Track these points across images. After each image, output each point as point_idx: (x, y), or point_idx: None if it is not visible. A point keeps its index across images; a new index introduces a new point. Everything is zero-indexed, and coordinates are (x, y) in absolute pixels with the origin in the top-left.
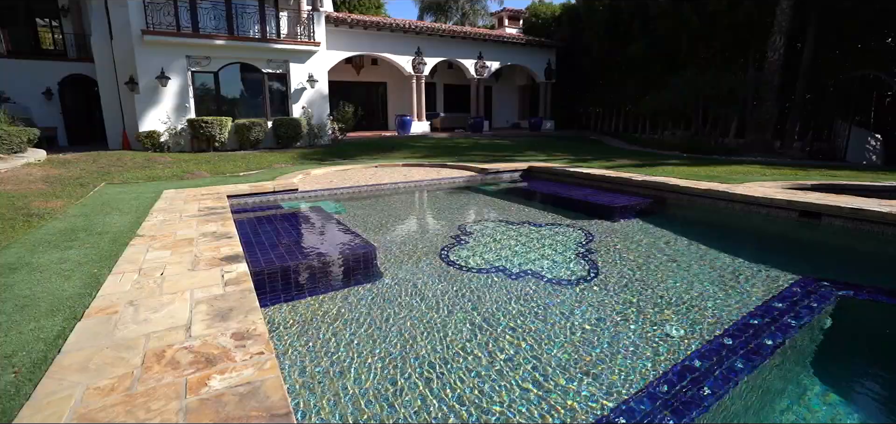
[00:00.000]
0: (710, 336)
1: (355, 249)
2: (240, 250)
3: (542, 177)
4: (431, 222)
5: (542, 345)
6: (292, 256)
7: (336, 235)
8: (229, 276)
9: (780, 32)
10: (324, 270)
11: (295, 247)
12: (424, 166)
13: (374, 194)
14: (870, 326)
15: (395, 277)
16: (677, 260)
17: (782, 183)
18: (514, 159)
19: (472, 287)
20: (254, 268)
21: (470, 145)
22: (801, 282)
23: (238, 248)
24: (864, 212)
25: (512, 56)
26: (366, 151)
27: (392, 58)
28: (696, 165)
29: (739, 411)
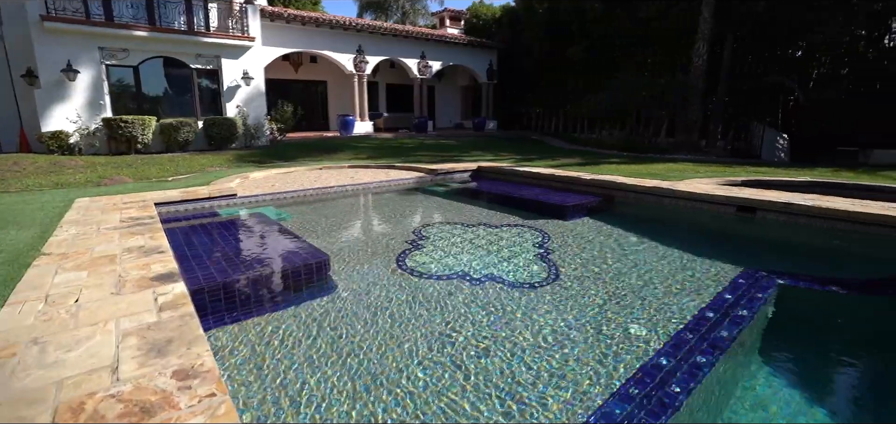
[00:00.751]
0: (673, 332)
1: (306, 259)
2: (175, 266)
3: (492, 177)
4: (385, 227)
5: (512, 354)
6: (236, 270)
7: (284, 244)
8: (164, 298)
9: (703, 40)
10: (273, 284)
11: (238, 259)
12: (371, 168)
13: (321, 198)
14: (806, 312)
15: (350, 288)
16: (631, 257)
17: (716, 179)
18: (461, 159)
19: (434, 295)
20: (192, 286)
21: (415, 146)
22: (744, 274)
23: (172, 264)
24: (794, 206)
25: (454, 56)
26: (308, 152)
27: (332, 56)
28: (635, 163)
29: (708, 406)
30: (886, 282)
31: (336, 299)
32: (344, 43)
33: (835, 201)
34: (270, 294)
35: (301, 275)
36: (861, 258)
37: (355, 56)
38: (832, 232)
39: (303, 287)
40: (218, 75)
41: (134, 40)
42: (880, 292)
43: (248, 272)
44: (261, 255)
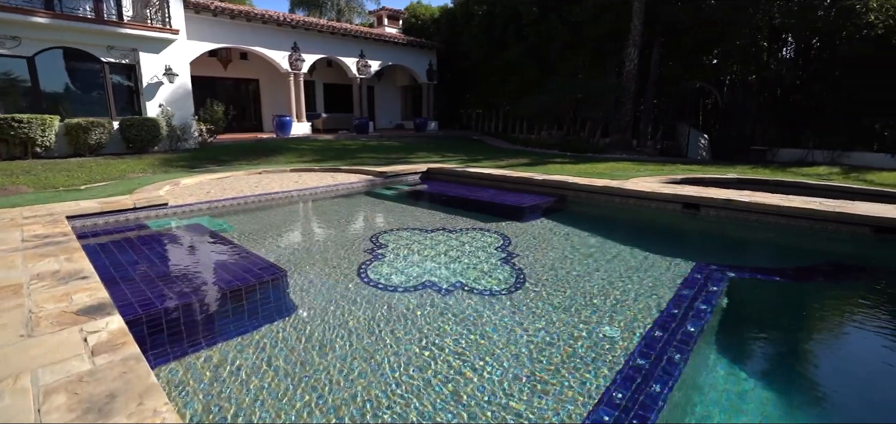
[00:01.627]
0: (645, 332)
1: (261, 275)
2: (105, 294)
3: (443, 178)
4: (340, 235)
5: (492, 367)
6: (180, 293)
7: (232, 259)
8: (97, 338)
9: (634, 45)
10: (225, 307)
11: (181, 280)
12: (316, 171)
13: (265, 206)
14: (754, 302)
15: (311, 307)
16: (592, 257)
17: (659, 178)
18: (408, 160)
19: (403, 310)
20: (126, 317)
21: (358, 147)
22: (697, 268)
23: (101, 292)
24: (733, 202)
25: (394, 56)
26: (243, 155)
27: (265, 53)
28: (578, 163)
29: (687, 402)
30: (814, 269)
31: (297, 321)
32: (278, 40)
33: (766, 197)
34: (222, 320)
35: (256, 294)
36: (791, 249)
37: (291, 54)
38: (766, 226)
39: (258, 309)
40: (135, 71)
41: (27, 27)
42: (811, 278)
43: (195, 295)
44: (207, 273)
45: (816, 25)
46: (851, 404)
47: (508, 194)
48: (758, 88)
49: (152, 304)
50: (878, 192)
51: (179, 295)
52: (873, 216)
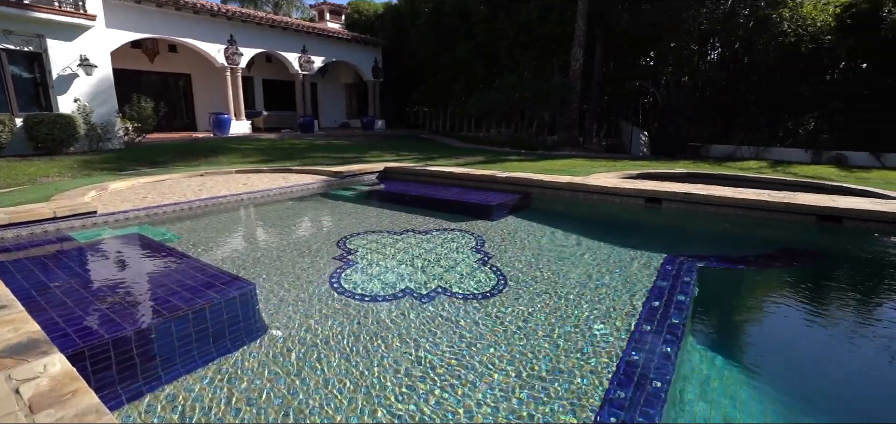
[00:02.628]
0: (633, 326)
1: (226, 291)
2: (34, 327)
3: (402, 178)
4: (303, 242)
5: (489, 374)
6: (129, 317)
7: (188, 273)
8: (36, 387)
9: (579, 45)
10: (187, 331)
11: (128, 301)
12: (265, 172)
13: (212, 211)
14: (725, 289)
15: (285, 325)
16: (568, 254)
17: (615, 174)
18: (363, 160)
19: (385, 321)
20: (68, 350)
21: (306, 147)
22: (668, 260)
23: (29, 324)
24: (693, 195)
25: (338, 52)
26: (180, 156)
27: (198, 45)
28: (533, 160)
29: (686, 395)
30: (772, 256)
31: (270, 342)
32: (212, 31)
33: (722, 190)
34: (184, 347)
35: (222, 313)
36: (748, 238)
37: (227, 47)
38: (723, 217)
39: (225, 331)
40: (42, 60)
41: None
42: (771, 265)
43: (149, 318)
44: (160, 291)
45: (738, 33)
46: (832, 381)
47: (473, 192)
48: (690, 89)
49: (95, 333)
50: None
51: (129, 320)
52: (816, 206)
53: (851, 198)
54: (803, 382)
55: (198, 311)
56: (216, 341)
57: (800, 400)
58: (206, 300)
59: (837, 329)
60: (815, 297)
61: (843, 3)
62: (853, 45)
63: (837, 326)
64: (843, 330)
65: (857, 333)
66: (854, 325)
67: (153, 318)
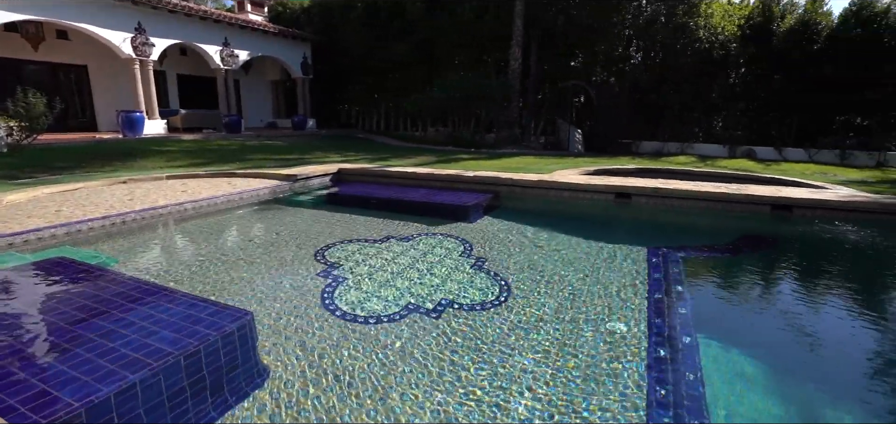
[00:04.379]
0: (645, 321)
1: (219, 325)
2: None
3: (361, 180)
4: (275, 257)
5: (527, 389)
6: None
7: (160, 306)
8: None
9: (517, 45)
10: (178, 385)
11: (85, 351)
12: (203, 177)
13: (152, 225)
14: (708, 276)
15: (285, 365)
16: (556, 253)
17: (576, 170)
18: (308, 161)
19: (397, 345)
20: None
21: (238, 149)
22: (651, 252)
23: None
24: (661, 190)
25: (264, 46)
26: (85, 160)
27: (97, 32)
28: (484, 158)
29: (723, 389)
30: (738, 244)
31: (277, 388)
32: (114, 18)
33: (687, 184)
34: (179, 408)
35: (219, 356)
36: (714, 228)
37: (134, 36)
38: (687, 210)
39: (223, 380)
40: None
41: None
42: (741, 250)
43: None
44: (129, 334)
45: (657, 38)
46: (825, 355)
47: (442, 193)
48: (619, 89)
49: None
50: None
51: (97, 376)
52: (771, 197)
53: (793, 188)
54: (801, 355)
55: (191, 356)
56: (214, 393)
57: (808, 376)
58: (199, 340)
59: (809, 303)
60: (785, 277)
61: (745, 16)
62: (753, 53)
63: (808, 300)
64: (813, 303)
65: (821, 304)
66: (817, 297)
67: (133, 371)
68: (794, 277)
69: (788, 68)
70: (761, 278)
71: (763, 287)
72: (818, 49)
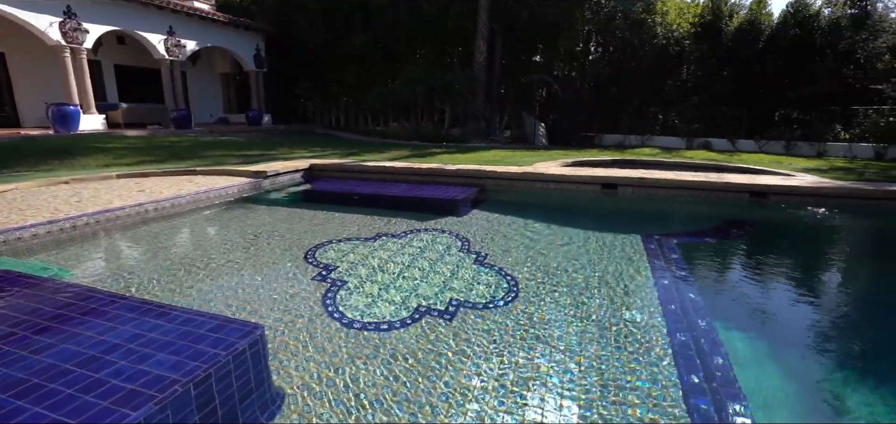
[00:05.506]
0: (660, 308)
1: (229, 342)
2: None
3: (336, 176)
4: (263, 260)
5: (570, 391)
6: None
7: (144, 322)
8: None
9: (482, 38)
10: (187, 418)
11: (68, 385)
12: (159, 176)
13: (108, 229)
14: (702, 261)
15: (299, 386)
16: (554, 245)
17: (556, 162)
18: (273, 157)
19: (418, 352)
20: None
21: (192, 145)
22: (646, 240)
23: None
24: (647, 180)
25: (212, 36)
26: (11, 159)
27: (16, 14)
28: (458, 152)
29: (752, 370)
30: (723, 228)
31: (295, 412)
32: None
33: (669, 174)
34: None
35: (231, 379)
36: (697, 215)
37: (64, 20)
38: (670, 198)
39: (237, 407)
40: None
41: None
42: (728, 235)
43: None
44: (117, 357)
45: (616, 34)
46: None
47: (425, 187)
48: (580, 83)
49: None
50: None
51: (87, 418)
52: (749, 184)
53: (767, 176)
54: (808, 329)
55: (200, 383)
56: (226, 414)
57: (821, 350)
58: (207, 361)
59: (801, 280)
60: (775, 257)
61: (697, 14)
62: (705, 49)
63: (800, 277)
64: (805, 279)
65: (814, 280)
66: (810, 274)
67: (133, 408)
68: (783, 256)
69: (737, 65)
70: (752, 259)
71: (756, 268)
72: (762, 47)
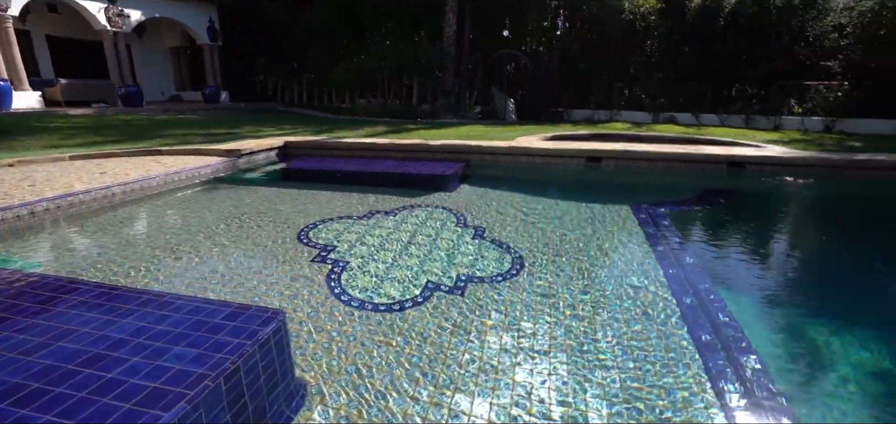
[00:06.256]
0: (664, 276)
1: (250, 329)
2: None
3: (315, 154)
4: (253, 243)
5: (589, 358)
6: None
7: (147, 314)
8: None
9: (452, 11)
10: (223, 418)
11: (80, 390)
12: (119, 156)
13: (71, 215)
14: (691, 228)
15: (318, 375)
16: (549, 217)
17: (536, 137)
18: (241, 136)
19: (433, 333)
20: None
21: (148, 124)
22: (636, 209)
23: None
24: (631, 152)
25: (160, 6)
26: None
27: None
28: (433, 128)
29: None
30: (705, 197)
31: (328, 414)
32: None
33: (651, 147)
34: None
35: (259, 374)
36: (679, 185)
37: None
38: (652, 170)
39: (265, 401)
40: None
41: None
42: (711, 203)
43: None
44: (131, 356)
45: (582, 8)
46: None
47: (411, 163)
48: (549, 58)
49: None
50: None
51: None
52: (727, 155)
53: (741, 148)
54: (798, 287)
55: (231, 376)
56: (257, 416)
57: (816, 308)
58: (233, 352)
59: (785, 241)
60: (757, 222)
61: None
62: (670, 26)
63: (785, 239)
64: (788, 240)
65: (797, 241)
66: (791, 235)
67: (164, 407)
68: (766, 221)
69: (699, 41)
70: (739, 224)
71: (744, 233)
72: (723, 25)
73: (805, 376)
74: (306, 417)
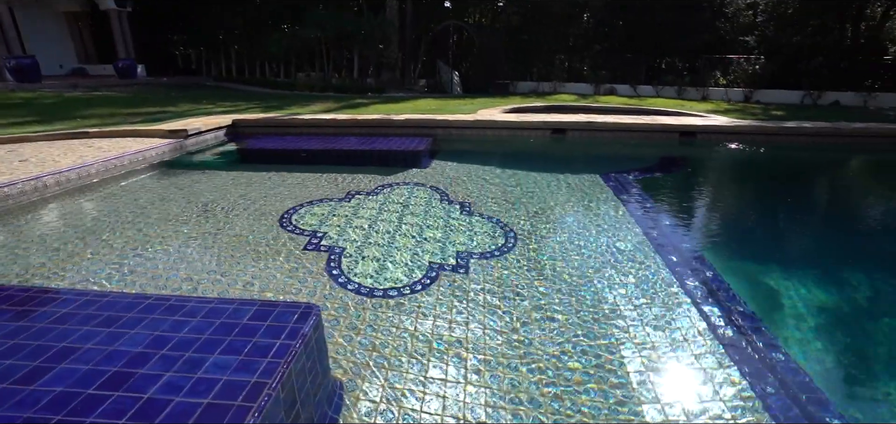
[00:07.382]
0: (646, 237)
1: (288, 326)
2: None
3: (267, 132)
4: (231, 234)
5: (610, 328)
6: None
7: (160, 321)
8: None
9: None
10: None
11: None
12: (38, 139)
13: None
14: (656, 191)
15: (349, 372)
16: (528, 189)
17: (498, 109)
18: (176, 114)
19: (442, 316)
20: None
21: (60, 102)
22: (605, 177)
23: None
24: (594, 124)
25: None
26: None
27: None
28: (385, 102)
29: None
30: (663, 164)
31: (371, 413)
32: None
33: (611, 118)
34: None
35: (305, 376)
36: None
37: None
38: (613, 140)
39: (313, 410)
40: None
41: None
42: (670, 170)
43: None
44: (163, 370)
45: None
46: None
47: (378, 140)
48: (493, 31)
49: None
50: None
51: None
52: (679, 125)
53: (690, 118)
54: (764, 239)
55: (286, 381)
56: None
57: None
58: (281, 355)
59: (744, 200)
60: (715, 185)
61: None
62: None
63: (746, 198)
64: (748, 199)
65: (749, 199)
66: (745, 194)
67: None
68: (723, 183)
69: (632, 13)
70: (699, 187)
71: (706, 195)
72: None
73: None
74: (347, 417)
